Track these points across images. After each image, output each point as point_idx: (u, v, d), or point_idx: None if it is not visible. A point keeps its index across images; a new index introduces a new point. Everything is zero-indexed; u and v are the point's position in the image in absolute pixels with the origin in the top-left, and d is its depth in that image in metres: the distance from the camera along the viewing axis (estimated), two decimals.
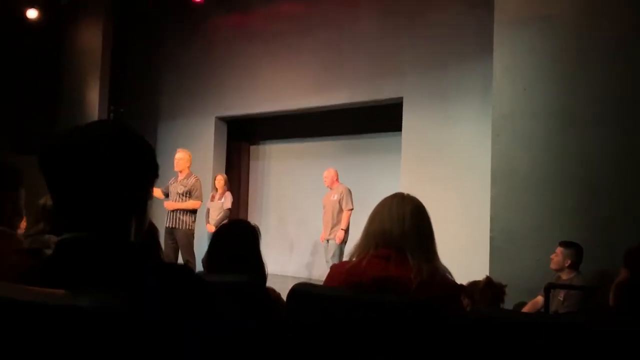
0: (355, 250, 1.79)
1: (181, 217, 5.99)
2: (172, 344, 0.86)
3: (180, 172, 6.11)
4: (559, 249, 3.97)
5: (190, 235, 6.10)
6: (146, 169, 1.01)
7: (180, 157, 6.10)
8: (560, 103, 4.40)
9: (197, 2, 8.08)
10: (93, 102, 8.17)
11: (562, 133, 4.37)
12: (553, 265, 3.99)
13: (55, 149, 0.97)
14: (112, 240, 0.95)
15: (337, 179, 6.47)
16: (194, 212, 6.10)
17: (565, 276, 3.94)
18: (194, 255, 6.09)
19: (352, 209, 6.21)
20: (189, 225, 6.02)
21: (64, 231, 0.96)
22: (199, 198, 6.10)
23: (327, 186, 6.48)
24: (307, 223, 8.04)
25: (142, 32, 9.09)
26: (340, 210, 6.25)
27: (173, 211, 5.99)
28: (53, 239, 2.31)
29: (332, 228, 6.27)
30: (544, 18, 4.53)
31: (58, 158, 0.96)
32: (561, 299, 3.91)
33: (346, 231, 6.18)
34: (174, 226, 5.99)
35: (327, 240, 6.34)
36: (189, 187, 6.02)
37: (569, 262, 3.92)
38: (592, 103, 4.25)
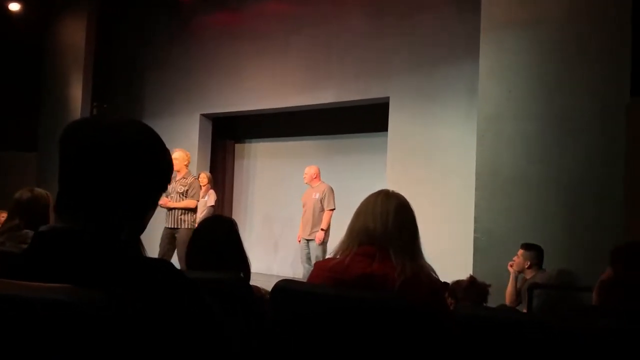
0: (339, 247, 1.77)
1: (182, 217, 5.98)
2: (152, 339, 0.84)
3: (178, 171, 6.06)
4: (520, 251, 4.11)
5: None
6: (159, 181, 1.04)
7: (176, 157, 6.00)
8: (544, 106, 4.44)
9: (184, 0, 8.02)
10: (76, 98, 8.06)
11: (545, 136, 4.41)
12: (515, 267, 4.11)
13: (83, 135, 0.97)
14: (96, 234, 0.93)
15: (318, 177, 6.38)
16: (194, 211, 6.09)
17: (528, 275, 4.07)
18: None
19: (333, 209, 6.13)
20: (190, 224, 6.00)
21: (60, 218, 0.96)
22: (195, 197, 6.09)
23: (307, 182, 6.39)
24: (293, 222, 8.01)
25: (127, 27, 9.00)
26: (322, 210, 6.15)
27: (172, 211, 5.97)
28: (30, 234, 2.27)
29: (312, 228, 6.15)
30: (530, 22, 4.57)
31: (82, 144, 0.96)
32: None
33: (326, 231, 6.10)
34: (175, 226, 5.96)
35: (307, 241, 6.23)
36: (187, 187, 6.01)
37: (529, 263, 4.06)
38: (576, 106, 4.29)
